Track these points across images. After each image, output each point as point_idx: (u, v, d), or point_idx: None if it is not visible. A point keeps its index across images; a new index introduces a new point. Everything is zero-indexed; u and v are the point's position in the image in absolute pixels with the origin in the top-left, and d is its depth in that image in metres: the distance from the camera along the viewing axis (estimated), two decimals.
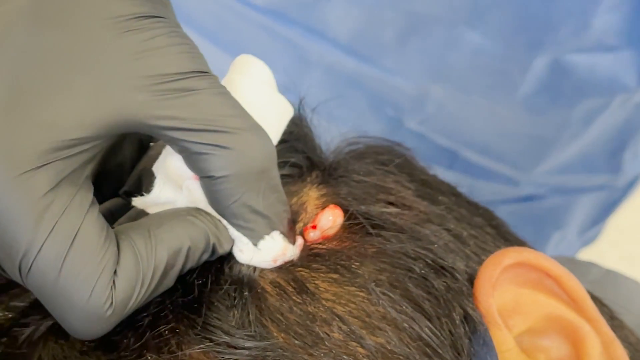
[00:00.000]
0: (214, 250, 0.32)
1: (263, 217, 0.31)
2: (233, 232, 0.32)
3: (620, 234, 1.10)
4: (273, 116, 0.33)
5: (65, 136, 0.28)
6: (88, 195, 0.29)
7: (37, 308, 0.32)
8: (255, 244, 0.32)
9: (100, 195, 0.32)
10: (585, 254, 0.90)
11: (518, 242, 0.41)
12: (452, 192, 0.41)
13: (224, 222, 0.32)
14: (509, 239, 0.40)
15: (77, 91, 0.28)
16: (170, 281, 0.30)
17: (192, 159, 0.30)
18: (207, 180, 0.30)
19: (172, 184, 0.32)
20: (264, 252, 0.32)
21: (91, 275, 0.28)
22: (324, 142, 0.40)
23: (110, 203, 0.35)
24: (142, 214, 0.33)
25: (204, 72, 0.30)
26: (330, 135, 0.40)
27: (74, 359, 0.30)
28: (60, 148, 0.28)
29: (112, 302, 0.28)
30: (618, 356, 0.33)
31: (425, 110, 0.69)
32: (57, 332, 0.31)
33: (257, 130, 0.30)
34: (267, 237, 0.32)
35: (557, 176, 0.74)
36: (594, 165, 0.74)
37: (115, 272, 0.29)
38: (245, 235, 0.32)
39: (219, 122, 0.29)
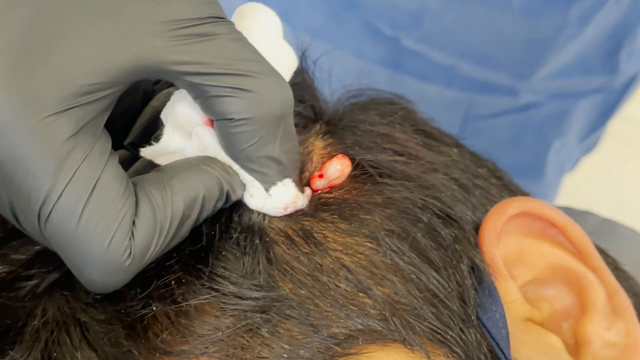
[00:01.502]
0: (227, 198, 0.31)
1: (278, 163, 0.31)
2: (245, 176, 0.32)
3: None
4: (282, 66, 0.33)
5: (87, 81, 0.28)
6: (107, 144, 0.29)
7: (40, 260, 0.32)
8: (267, 190, 0.32)
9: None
10: (586, 165, 0.90)
11: (522, 193, 0.41)
12: (455, 143, 0.40)
13: (235, 167, 0.32)
14: (513, 189, 0.40)
15: (97, 36, 0.28)
16: (185, 231, 0.30)
17: (210, 102, 0.30)
18: (225, 123, 0.30)
19: (181, 132, 0.32)
20: (275, 198, 0.32)
21: (110, 224, 0.28)
22: (325, 94, 0.40)
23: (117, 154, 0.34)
24: (149, 165, 0.33)
25: (221, 18, 0.30)
26: (331, 88, 0.40)
27: (79, 311, 0.30)
28: (81, 93, 0.28)
29: (130, 252, 0.28)
30: (622, 305, 0.33)
31: (424, 26, 0.68)
32: (63, 285, 0.31)
33: (276, 75, 0.30)
34: (279, 183, 0.32)
35: (555, 81, 0.73)
36: (591, 67, 0.74)
37: (133, 222, 0.29)
38: (258, 179, 0.32)
39: (239, 66, 0.29)
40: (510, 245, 0.34)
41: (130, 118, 0.35)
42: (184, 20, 0.29)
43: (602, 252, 0.37)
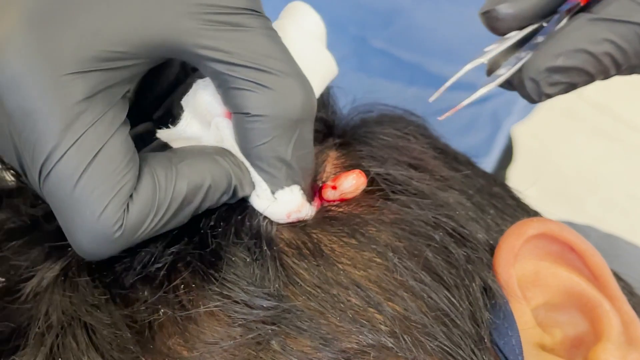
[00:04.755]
0: (234, 193, 0.31)
1: (288, 167, 0.30)
2: (254, 176, 0.31)
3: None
4: (316, 72, 0.32)
5: (108, 47, 0.27)
6: (121, 114, 0.29)
7: (40, 260, 0.31)
8: (273, 193, 0.31)
9: (139, 114, 0.32)
10: (573, 163, 0.90)
11: (536, 214, 0.40)
12: (468, 161, 0.40)
13: (247, 165, 0.31)
14: (528, 210, 0.39)
15: (127, 6, 0.28)
16: (184, 217, 0.30)
17: (230, 93, 0.29)
18: (241, 117, 0.29)
19: (200, 120, 0.31)
20: (280, 203, 0.31)
21: (107, 193, 0.27)
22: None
23: (143, 127, 0.34)
24: (166, 147, 0.32)
25: (258, 12, 0.29)
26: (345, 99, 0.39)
27: (85, 313, 0.29)
28: (102, 59, 0.27)
29: (122, 225, 0.28)
30: (638, 336, 0.32)
31: (394, 25, 0.67)
32: (64, 282, 0.30)
33: (302, 78, 0.30)
34: (286, 188, 0.31)
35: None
36: None
37: (131, 196, 0.28)
38: (265, 180, 0.31)
39: (265, 62, 0.29)
40: (526, 266, 0.33)
41: (168, 91, 0.35)
42: (219, 6, 0.28)
43: (616, 276, 0.36)
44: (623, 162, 1.39)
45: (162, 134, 0.32)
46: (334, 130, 0.37)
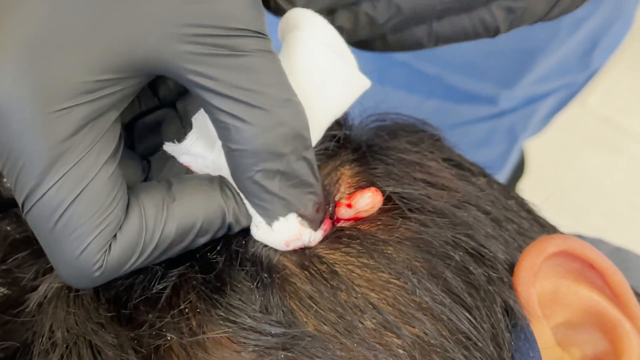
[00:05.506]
0: (230, 228, 0.30)
1: (279, 199, 0.29)
2: (249, 207, 0.30)
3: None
4: (335, 87, 0.31)
5: (95, 76, 0.26)
6: (108, 146, 0.28)
7: (44, 272, 0.31)
8: (269, 224, 0.30)
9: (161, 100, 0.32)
10: (576, 174, 0.90)
11: (550, 227, 0.39)
12: (482, 172, 0.39)
13: (243, 196, 0.30)
14: (543, 224, 0.38)
15: (112, 29, 0.26)
16: (173, 253, 0.29)
17: (215, 124, 0.28)
18: (225, 149, 0.28)
19: (206, 140, 0.30)
20: (277, 233, 0.30)
21: (86, 235, 0.27)
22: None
23: (162, 113, 0.33)
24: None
25: (257, 33, 0.27)
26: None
27: (91, 332, 0.29)
28: (89, 90, 0.26)
29: (102, 265, 0.27)
30: None
31: None
32: (68, 295, 0.30)
33: (292, 108, 0.28)
34: (282, 218, 0.30)
35: (535, 86, 0.73)
36: (568, 68, 0.74)
37: (115, 235, 0.27)
38: (259, 213, 0.30)
39: (251, 94, 0.27)
40: (546, 284, 0.33)
41: None
42: (215, 27, 0.27)
43: (637, 294, 0.36)
44: (626, 173, 1.39)
45: (168, 148, 0.31)
46: (348, 144, 0.36)
